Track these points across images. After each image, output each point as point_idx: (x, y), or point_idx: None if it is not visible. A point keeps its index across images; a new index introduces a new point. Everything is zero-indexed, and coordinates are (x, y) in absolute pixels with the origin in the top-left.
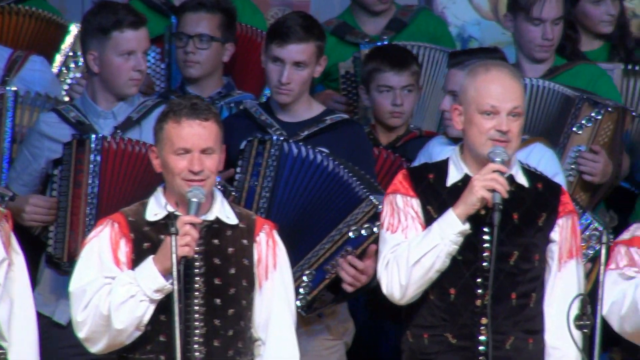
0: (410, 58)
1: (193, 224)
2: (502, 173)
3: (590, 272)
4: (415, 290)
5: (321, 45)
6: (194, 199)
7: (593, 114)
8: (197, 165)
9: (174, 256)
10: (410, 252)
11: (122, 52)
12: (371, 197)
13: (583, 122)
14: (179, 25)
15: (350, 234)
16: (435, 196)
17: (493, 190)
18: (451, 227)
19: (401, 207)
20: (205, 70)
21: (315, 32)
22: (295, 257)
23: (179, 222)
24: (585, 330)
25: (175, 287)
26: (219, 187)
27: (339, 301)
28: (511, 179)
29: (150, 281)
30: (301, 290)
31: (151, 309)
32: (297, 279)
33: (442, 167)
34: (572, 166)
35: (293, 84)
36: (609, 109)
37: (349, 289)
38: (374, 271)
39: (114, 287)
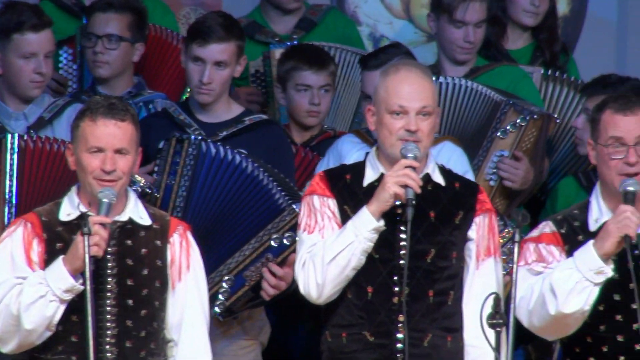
0: (328, 58)
1: (103, 224)
2: (414, 169)
3: (507, 283)
4: (332, 288)
5: (241, 45)
6: (105, 200)
7: (518, 121)
8: (109, 165)
9: (86, 256)
10: (326, 250)
11: (23, 55)
12: (294, 206)
13: (508, 127)
14: (88, 25)
15: (272, 242)
16: (352, 196)
17: (406, 186)
18: (365, 225)
19: (318, 207)
20: (115, 70)
21: (236, 31)
22: (213, 260)
23: (95, 221)
24: (498, 329)
25: (88, 287)
26: (147, 188)
27: (256, 306)
28: (427, 178)
29: (59, 281)
30: (220, 296)
31: (61, 309)
32: (216, 284)
33: (359, 168)
34: (494, 170)
35: (214, 84)
36: (535, 116)
37: (267, 297)
38: (292, 278)
39: (24, 288)
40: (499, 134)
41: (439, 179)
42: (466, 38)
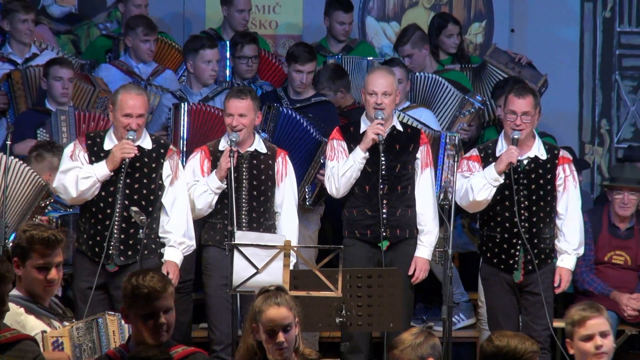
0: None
1: (232, 152)
2: (382, 124)
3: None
4: (344, 190)
5: (317, 61)
6: (233, 138)
7: (472, 110)
8: (235, 123)
9: (231, 167)
10: (339, 170)
11: (204, 61)
12: (327, 142)
13: (466, 112)
14: (237, 50)
15: (321, 160)
16: (354, 139)
17: (378, 134)
18: (358, 155)
19: (336, 146)
20: (255, 72)
21: (315, 54)
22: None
23: (226, 151)
24: (446, 206)
25: (232, 185)
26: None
27: (323, 196)
28: (394, 127)
29: (213, 183)
30: (307, 196)
31: (215, 197)
32: (302, 190)
33: (358, 123)
34: (457, 131)
35: (308, 83)
36: (481, 106)
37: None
38: None
39: (196, 187)
40: (461, 115)
41: (399, 127)
42: (415, 70)
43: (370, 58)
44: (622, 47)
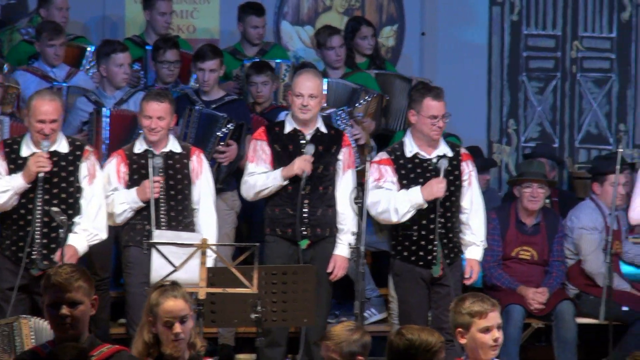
0: (267, 66)
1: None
2: (310, 161)
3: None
4: (265, 194)
5: (222, 60)
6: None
7: (367, 97)
8: (154, 124)
9: (151, 176)
10: (257, 183)
11: (117, 65)
12: (225, 117)
13: (361, 101)
14: (159, 55)
15: (219, 133)
16: (279, 140)
17: (304, 171)
18: (278, 180)
19: (258, 149)
20: (177, 76)
21: (219, 53)
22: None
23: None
24: (359, 205)
25: (152, 186)
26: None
27: (231, 171)
28: (317, 129)
29: (136, 202)
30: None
31: (132, 212)
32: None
33: (282, 124)
34: (356, 118)
35: (211, 81)
36: (374, 95)
37: (224, 162)
38: (235, 151)
39: (115, 198)
40: (357, 105)
41: (323, 129)
42: (337, 56)
43: (279, 60)
44: (529, 49)
